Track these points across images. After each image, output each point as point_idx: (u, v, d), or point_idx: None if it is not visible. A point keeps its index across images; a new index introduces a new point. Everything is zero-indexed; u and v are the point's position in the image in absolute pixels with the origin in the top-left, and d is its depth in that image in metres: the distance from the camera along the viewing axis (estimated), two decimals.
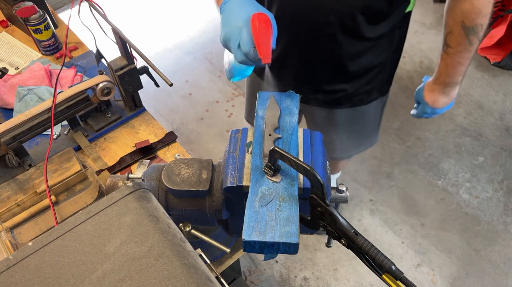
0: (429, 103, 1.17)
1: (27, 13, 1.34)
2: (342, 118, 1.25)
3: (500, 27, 2.47)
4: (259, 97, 0.84)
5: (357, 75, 1.12)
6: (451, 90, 1.13)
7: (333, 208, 0.62)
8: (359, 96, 1.18)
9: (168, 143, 1.21)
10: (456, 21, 0.97)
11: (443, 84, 1.12)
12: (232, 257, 1.01)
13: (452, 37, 1.00)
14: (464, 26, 0.96)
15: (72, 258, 0.52)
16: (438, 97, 1.15)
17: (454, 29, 0.98)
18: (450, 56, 1.04)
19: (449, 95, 1.14)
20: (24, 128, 1.03)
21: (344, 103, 1.20)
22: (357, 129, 1.33)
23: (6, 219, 1.00)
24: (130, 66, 1.14)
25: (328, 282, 1.81)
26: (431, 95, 1.16)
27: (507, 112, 2.39)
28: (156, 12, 3.06)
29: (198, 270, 0.52)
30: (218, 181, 0.77)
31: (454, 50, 1.02)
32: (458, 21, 0.96)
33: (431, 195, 2.07)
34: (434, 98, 1.16)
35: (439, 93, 1.14)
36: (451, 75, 1.08)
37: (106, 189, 0.88)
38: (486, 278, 1.81)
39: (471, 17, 0.94)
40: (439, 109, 1.18)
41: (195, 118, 2.41)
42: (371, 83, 1.16)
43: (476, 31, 0.96)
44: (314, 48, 1.06)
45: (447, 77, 1.09)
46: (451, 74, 1.08)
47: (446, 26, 1.01)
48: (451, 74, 1.08)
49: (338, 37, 1.01)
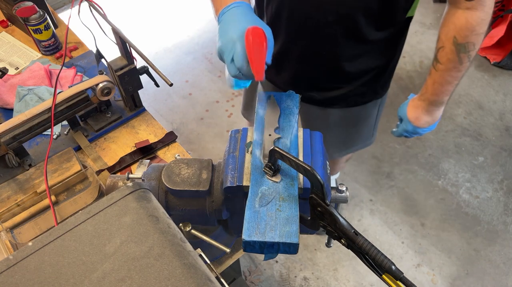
0: (411, 120, 1.11)
1: (27, 13, 1.34)
2: (336, 117, 1.25)
3: (500, 27, 2.47)
4: (259, 97, 0.84)
5: (353, 76, 1.12)
6: (435, 109, 1.08)
7: (333, 208, 0.62)
8: (353, 97, 1.18)
9: (168, 143, 1.21)
10: (448, 36, 0.94)
11: (427, 102, 1.07)
12: (232, 257, 1.01)
13: (443, 53, 0.97)
14: (456, 42, 0.93)
15: (72, 258, 0.52)
16: (421, 115, 1.10)
17: (445, 44, 0.95)
18: (439, 73, 1.00)
19: (433, 115, 1.09)
20: (24, 128, 1.03)
21: (338, 103, 1.20)
22: (351, 130, 1.33)
23: (6, 219, 1.00)
24: (130, 66, 1.14)
25: (328, 282, 1.81)
26: (415, 111, 1.11)
27: (507, 112, 2.39)
28: (156, 12, 3.06)
29: (198, 270, 0.52)
30: (218, 181, 0.77)
31: (443, 66, 0.99)
32: (451, 36, 0.94)
33: (431, 195, 2.07)
34: (417, 115, 1.10)
35: (423, 111, 1.09)
36: (437, 93, 1.04)
37: (106, 189, 0.88)
38: (486, 278, 1.81)
39: (463, 33, 0.92)
40: (421, 128, 1.12)
41: (195, 118, 2.41)
42: (366, 85, 1.15)
43: (467, 50, 0.93)
44: (312, 47, 1.06)
45: (433, 95, 1.05)
46: (437, 92, 1.04)
47: (438, 40, 0.98)
48: (437, 92, 1.04)
49: (336, 38, 1.01)
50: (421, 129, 1.12)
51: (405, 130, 1.15)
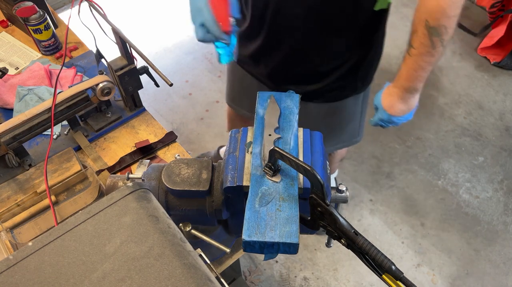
0: (386, 108, 1.10)
1: (27, 13, 1.34)
2: (316, 112, 1.26)
3: (500, 27, 2.47)
4: (259, 97, 0.84)
5: (328, 70, 1.13)
6: (409, 97, 1.07)
7: (333, 208, 0.62)
8: (331, 92, 1.18)
9: (168, 143, 1.21)
10: (420, 20, 0.94)
11: (402, 88, 1.06)
12: (232, 257, 1.01)
13: (416, 37, 0.96)
14: (428, 25, 0.93)
15: (72, 258, 0.52)
16: (396, 103, 1.08)
17: (418, 28, 0.95)
18: (412, 58, 0.99)
19: (407, 102, 1.08)
20: (24, 128, 1.03)
21: (318, 97, 1.20)
22: (334, 126, 1.34)
23: (6, 219, 1.00)
24: (130, 66, 1.14)
25: (328, 282, 1.81)
26: (389, 99, 1.10)
27: (507, 112, 2.39)
28: (156, 12, 3.06)
29: (198, 270, 0.52)
30: (218, 181, 0.77)
31: (416, 51, 0.98)
32: (423, 19, 0.93)
33: (431, 195, 2.07)
34: (392, 103, 1.09)
35: (398, 98, 1.08)
36: (411, 79, 1.03)
37: (106, 189, 0.88)
38: (486, 278, 1.81)
39: (435, 16, 0.91)
40: (396, 117, 1.10)
41: (195, 118, 2.41)
42: (344, 79, 1.16)
43: (439, 33, 0.93)
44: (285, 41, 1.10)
45: (406, 81, 1.04)
46: (411, 78, 1.03)
47: (412, 25, 0.98)
48: (411, 77, 1.02)
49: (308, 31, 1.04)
50: (396, 117, 1.10)
51: (381, 119, 1.13)
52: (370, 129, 2.31)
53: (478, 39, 2.69)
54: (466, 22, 2.80)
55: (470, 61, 2.63)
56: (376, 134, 2.28)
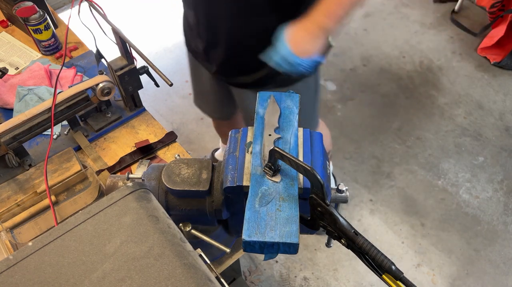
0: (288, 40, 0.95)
1: (27, 13, 1.34)
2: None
3: (500, 27, 2.47)
4: (259, 96, 0.84)
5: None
6: (319, 35, 0.94)
7: (333, 208, 0.62)
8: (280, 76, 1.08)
9: (168, 143, 1.21)
10: None
11: (314, 22, 0.94)
12: (232, 257, 1.01)
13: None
14: None
15: (72, 258, 0.52)
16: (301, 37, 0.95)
17: None
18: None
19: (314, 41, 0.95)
20: (24, 128, 1.03)
21: (268, 83, 1.18)
22: None
23: (6, 219, 1.00)
24: (130, 66, 1.14)
25: (328, 282, 1.81)
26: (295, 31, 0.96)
27: (507, 112, 2.39)
28: (156, 12, 3.06)
29: (198, 270, 0.52)
30: (218, 181, 0.77)
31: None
32: None
33: (431, 195, 2.07)
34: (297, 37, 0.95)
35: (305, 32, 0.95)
36: (324, 12, 0.93)
37: (106, 189, 0.88)
38: (486, 278, 1.81)
39: None
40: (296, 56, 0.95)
41: (195, 118, 2.41)
42: None
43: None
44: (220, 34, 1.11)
45: (321, 15, 0.93)
46: (323, 11, 0.93)
47: None
48: (323, 11, 0.93)
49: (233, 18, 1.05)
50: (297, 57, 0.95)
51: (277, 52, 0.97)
52: (371, 129, 2.32)
53: (478, 39, 2.69)
54: (466, 22, 2.80)
55: (470, 61, 2.63)
56: (376, 134, 2.28)
